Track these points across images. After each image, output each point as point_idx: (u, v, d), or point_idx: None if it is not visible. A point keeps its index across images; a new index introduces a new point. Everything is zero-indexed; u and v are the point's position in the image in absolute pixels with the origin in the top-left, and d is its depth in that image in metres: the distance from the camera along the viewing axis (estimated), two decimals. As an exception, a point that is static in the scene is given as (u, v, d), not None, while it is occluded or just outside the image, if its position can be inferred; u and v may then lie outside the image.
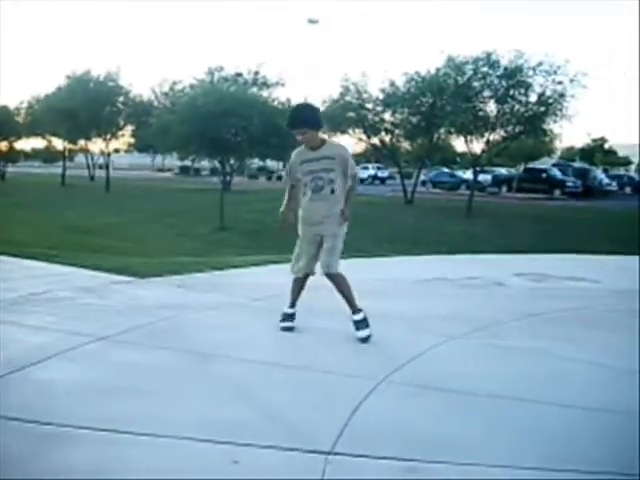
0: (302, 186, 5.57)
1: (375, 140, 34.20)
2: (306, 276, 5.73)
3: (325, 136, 5.81)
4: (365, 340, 5.37)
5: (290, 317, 5.71)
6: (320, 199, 5.48)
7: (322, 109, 34.15)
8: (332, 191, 5.46)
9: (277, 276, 8.46)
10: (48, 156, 72.09)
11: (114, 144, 49.60)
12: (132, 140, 52.00)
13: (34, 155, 79.86)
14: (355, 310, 5.51)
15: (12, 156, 58.28)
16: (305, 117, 5.52)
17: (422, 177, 42.26)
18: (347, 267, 5.80)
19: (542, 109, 28.71)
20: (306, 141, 5.47)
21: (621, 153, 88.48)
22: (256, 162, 52.73)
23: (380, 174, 57.93)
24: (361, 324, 5.44)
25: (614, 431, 3.75)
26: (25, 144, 61.96)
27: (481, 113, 29.51)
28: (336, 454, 3.29)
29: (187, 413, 3.78)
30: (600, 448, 3.49)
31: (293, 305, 5.75)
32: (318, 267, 5.62)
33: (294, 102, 38.91)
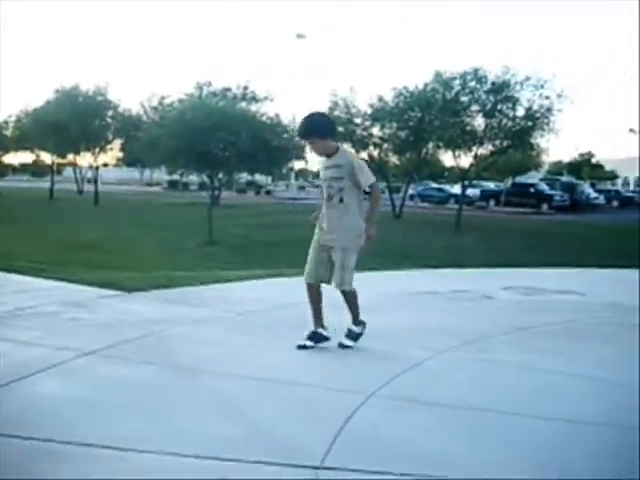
0: (320, 193, 5.70)
1: (363, 155, 34.21)
2: (317, 285, 5.60)
3: (340, 145, 5.74)
4: (343, 347, 5.48)
5: (317, 337, 5.55)
6: (331, 207, 5.47)
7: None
8: (340, 200, 5.43)
9: (264, 291, 8.47)
10: (36, 170, 71.97)
11: (103, 158, 49.50)
12: (121, 154, 52.01)
13: (22, 169, 79.69)
14: (357, 322, 5.60)
15: (0, 170, 58.10)
16: (314, 126, 5.52)
17: (410, 191, 42.36)
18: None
19: (529, 123, 28.87)
20: (316, 150, 5.51)
21: (608, 167, 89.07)
22: (244, 177, 52.70)
23: (367, 189, 57.96)
24: (352, 335, 5.54)
25: (602, 444, 3.75)
26: (13, 158, 61.93)
27: (469, 128, 29.64)
28: (326, 468, 3.27)
29: (174, 428, 3.76)
30: (588, 461, 3.49)
31: (320, 325, 5.58)
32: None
33: (282, 117, 39.08)
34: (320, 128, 5.47)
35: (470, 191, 39.88)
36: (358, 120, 32.66)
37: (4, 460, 3.26)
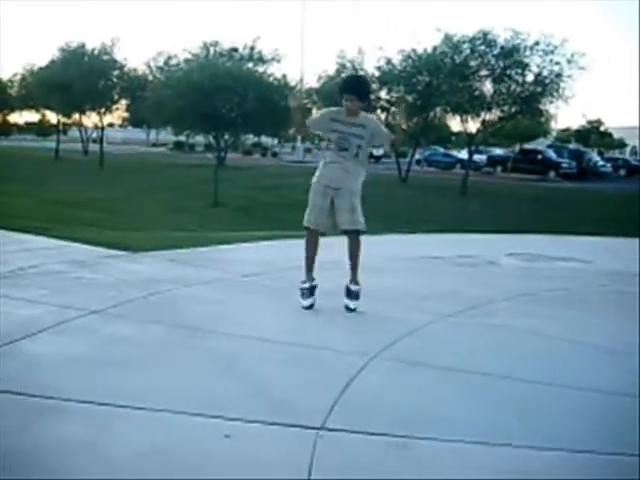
0: (325, 141, 5.86)
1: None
2: (317, 235, 5.77)
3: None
4: (351, 310, 5.55)
5: (310, 291, 5.67)
6: (342, 158, 5.66)
7: (317, 85, 34.07)
8: (356, 155, 5.67)
9: (268, 253, 8.49)
10: (42, 130, 71.65)
11: (108, 118, 49.38)
12: (126, 115, 51.70)
13: (27, 128, 79.40)
14: (355, 281, 5.66)
15: (5, 129, 57.97)
16: (358, 86, 5.99)
17: (417, 156, 42.17)
18: (340, 244, 5.81)
19: (539, 89, 28.65)
20: (352, 107, 5.67)
21: (616, 135, 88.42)
22: (251, 138, 52.47)
23: (375, 152, 57.58)
24: (354, 294, 5.61)
25: (604, 410, 3.77)
26: (18, 117, 61.62)
27: (477, 92, 29.45)
28: (327, 429, 3.30)
29: (177, 387, 3.78)
30: (589, 427, 3.51)
31: (310, 278, 5.73)
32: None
33: (290, 78, 38.78)
34: (364, 90, 5.91)
35: (477, 157, 39.75)
36: (365, 83, 32.40)
37: (8, 417, 3.30)
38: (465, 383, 4.09)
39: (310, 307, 5.59)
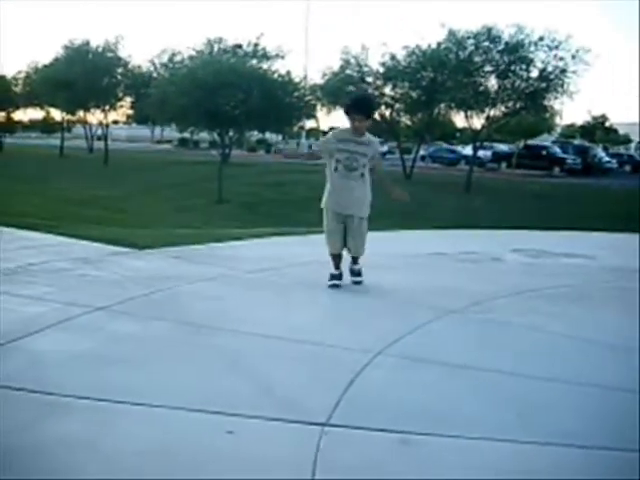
0: (332, 162, 5.96)
1: (375, 114, 34.04)
2: (341, 254, 6.18)
3: None
4: (360, 283, 6.17)
5: (338, 277, 6.10)
6: (350, 179, 5.91)
7: (322, 82, 34.06)
8: (362, 175, 5.92)
9: (273, 249, 8.49)
10: (46, 127, 71.75)
11: (113, 115, 49.31)
12: (131, 112, 51.67)
13: (32, 126, 79.50)
14: (357, 262, 6.23)
15: (10, 127, 57.99)
16: (368, 106, 6.30)
17: (421, 152, 42.13)
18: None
19: (543, 85, 28.58)
20: (360, 126, 5.88)
21: (622, 131, 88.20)
22: (255, 135, 52.45)
23: (379, 148, 57.61)
24: (358, 271, 6.24)
25: (605, 407, 3.77)
26: (23, 115, 61.62)
27: (482, 88, 29.39)
28: (332, 425, 3.30)
29: (180, 383, 3.79)
30: (592, 423, 3.51)
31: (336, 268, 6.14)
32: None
33: (294, 75, 38.74)
34: (375, 109, 6.19)
35: (481, 153, 39.70)
36: (370, 79, 32.38)
37: (10, 414, 3.31)
38: (469, 379, 4.09)
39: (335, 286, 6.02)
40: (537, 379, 4.09)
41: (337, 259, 6.16)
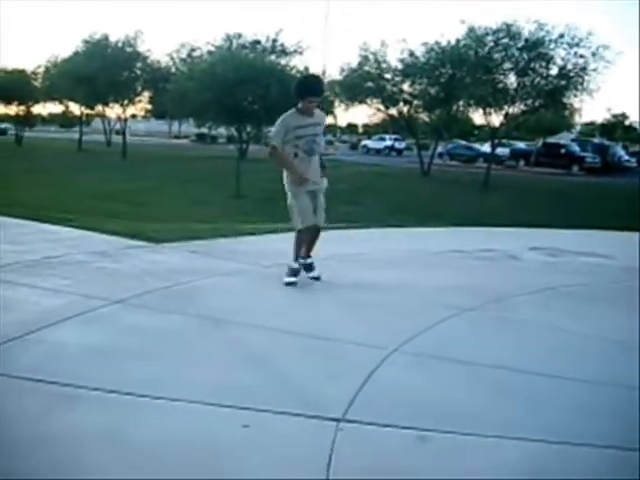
0: (290, 148, 6.02)
1: (393, 111, 33.91)
2: (315, 228, 6.12)
3: None
4: (317, 279, 6.08)
5: (296, 272, 6.07)
6: (311, 160, 6.03)
7: (340, 78, 34.00)
8: (317, 152, 6.10)
9: (288, 244, 8.48)
10: (65, 121, 72.10)
11: (131, 110, 49.35)
12: (149, 106, 51.71)
13: (51, 120, 79.95)
14: (309, 256, 6.18)
15: (29, 120, 58.31)
16: (320, 86, 6.34)
17: (439, 149, 41.96)
18: (363, 237, 5.80)
19: (563, 83, 28.31)
20: (311, 108, 6.02)
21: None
22: (272, 130, 52.48)
23: (397, 145, 57.52)
24: (311, 267, 6.16)
25: (622, 406, 3.75)
26: (42, 109, 61.85)
27: (501, 85, 29.16)
28: (347, 421, 3.31)
29: (198, 377, 3.81)
30: (608, 422, 3.49)
31: (297, 258, 6.13)
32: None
33: (312, 70, 38.68)
34: (323, 88, 6.28)
35: (500, 150, 39.41)
36: (388, 75, 32.27)
37: (37, 404, 3.35)
38: (485, 377, 4.08)
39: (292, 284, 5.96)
40: (554, 377, 4.08)
41: (307, 240, 6.16)
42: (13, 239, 7.52)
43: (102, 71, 38.94)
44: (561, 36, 27.67)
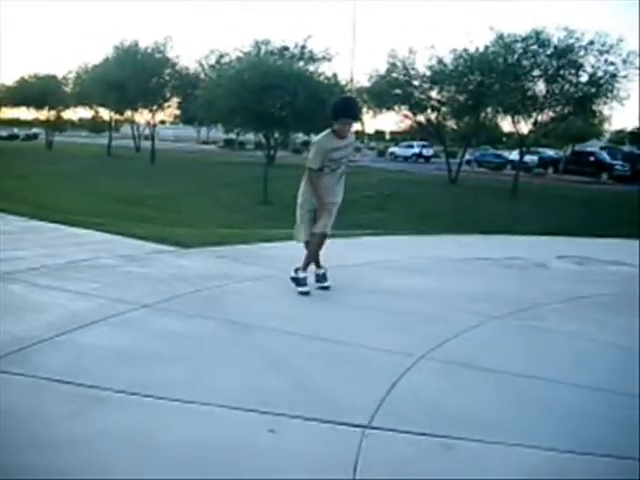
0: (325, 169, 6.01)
1: (421, 118, 33.89)
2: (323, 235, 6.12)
3: None
4: (327, 289, 6.02)
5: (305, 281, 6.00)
6: (333, 179, 6.04)
7: (368, 85, 34.03)
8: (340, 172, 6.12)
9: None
10: (95, 126, 72.90)
11: (160, 115, 49.79)
12: (178, 112, 52.17)
13: (81, 125, 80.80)
14: (320, 266, 6.16)
15: (60, 125, 59.02)
16: (356, 110, 6.36)
17: (467, 156, 41.77)
18: (388, 244, 5.79)
19: (593, 90, 28.08)
20: (346, 131, 5.94)
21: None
22: (300, 137, 52.54)
23: (425, 152, 57.38)
24: (324, 278, 6.11)
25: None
26: (72, 114, 62.59)
27: (530, 93, 29.01)
28: (373, 428, 3.30)
29: (224, 381, 3.83)
30: (625, 433, 3.44)
31: (306, 269, 6.07)
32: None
33: (340, 77, 38.72)
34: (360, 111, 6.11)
35: (528, 158, 39.18)
36: (417, 82, 32.24)
37: (65, 405, 3.38)
38: (511, 386, 4.05)
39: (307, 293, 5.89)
40: (581, 387, 4.04)
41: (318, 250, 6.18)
42: (43, 242, 7.61)
43: (132, 77, 39.39)
44: (591, 43, 27.47)
